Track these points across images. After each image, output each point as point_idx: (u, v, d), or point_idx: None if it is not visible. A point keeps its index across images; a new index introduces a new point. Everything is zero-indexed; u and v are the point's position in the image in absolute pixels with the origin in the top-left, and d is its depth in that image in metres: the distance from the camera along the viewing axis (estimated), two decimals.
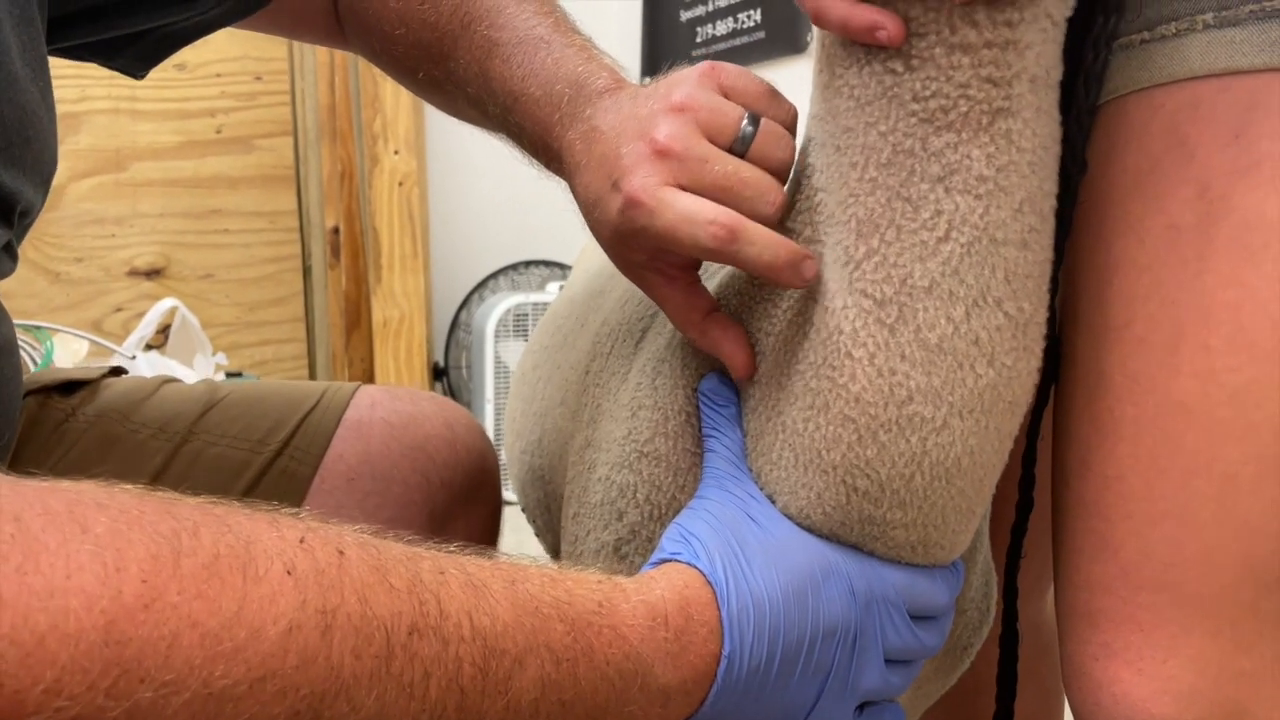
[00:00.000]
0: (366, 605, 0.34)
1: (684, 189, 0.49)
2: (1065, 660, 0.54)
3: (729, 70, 0.52)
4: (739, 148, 0.50)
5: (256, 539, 0.33)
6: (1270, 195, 0.46)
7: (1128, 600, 0.50)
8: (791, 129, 0.52)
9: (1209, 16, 0.47)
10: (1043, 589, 0.76)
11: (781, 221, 0.51)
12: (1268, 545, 0.48)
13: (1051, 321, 0.54)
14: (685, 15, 2.55)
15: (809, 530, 0.50)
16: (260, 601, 0.31)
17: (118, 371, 0.80)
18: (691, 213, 0.47)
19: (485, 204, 2.60)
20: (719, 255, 0.48)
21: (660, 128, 0.49)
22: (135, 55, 0.66)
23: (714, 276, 0.58)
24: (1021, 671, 0.63)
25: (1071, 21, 0.45)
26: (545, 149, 0.58)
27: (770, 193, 0.49)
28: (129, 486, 0.33)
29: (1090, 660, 0.52)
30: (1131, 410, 0.50)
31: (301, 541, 0.34)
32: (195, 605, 0.30)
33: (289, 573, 0.33)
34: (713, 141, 0.50)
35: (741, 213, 0.48)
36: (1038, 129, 0.44)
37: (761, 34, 2.30)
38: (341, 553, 0.35)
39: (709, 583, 0.45)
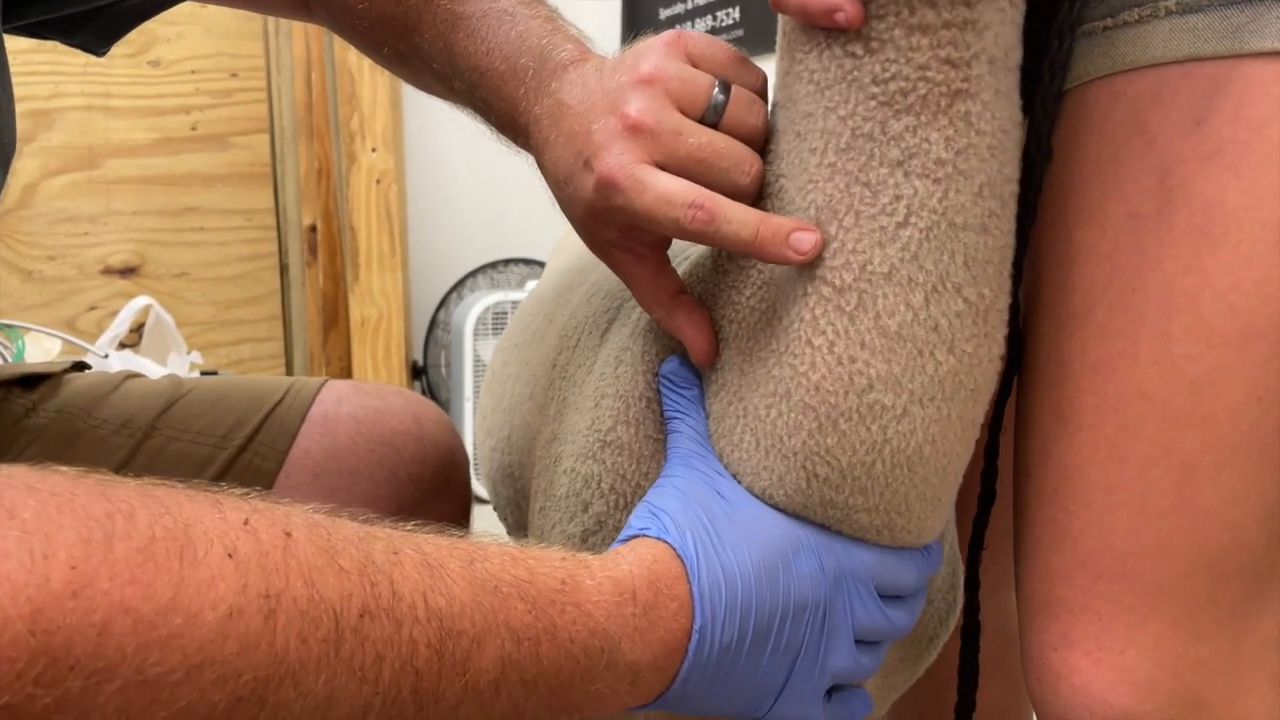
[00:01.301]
0: (313, 588, 0.33)
1: (658, 164, 0.48)
2: (1025, 650, 0.54)
3: (695, 38, 0.51)
4: (711, 117, 0.49)
5: (196, 521, 0.32)
6: (1230, 182, 0.46)
7: (1086, 590, 0.51)
8: (762, 94, 0.51)
9: (1171, 3, 0.47)
10: (1010, 580, 0.76)
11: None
12: (1226, 535, 0.48)
13: (1015, 310, 0.54)
14: (665, 13, 2.55)
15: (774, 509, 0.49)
16: (198, 586, 0.31)
17: (81, 366, 0.79)
18: (670, 194, 0.47)
19: (464, 202, 2.59)
20: (698, 237, 0.47)
21: (631, 102, 0.48)
22: (94, 31, 0.65)
23: (681, 264, 0.57)
24: (989, 662, 0.63)
25: (1036, 7, 0.45)
26: (512, 124, 0.57)
27: (746, 162, 0.48)
28: (64, 469, 0.32)
29: (1049, 650, 0.52)
30: (1092, 399, 0.50)
31: (245, 523, 0.33)
32: (127, 591, 0.29)
33: (230, 555, 0.32)
34: (684, 112, 0.49)
35: (718, 184, 0.48)
36: (997, 112, 0.44)
37: (740, 32, 2.31)
38: (288, 534, 0.34)
39: (679, 556, 0.45)
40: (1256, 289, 0.46)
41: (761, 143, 0.50)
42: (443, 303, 2.58)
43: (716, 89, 0.49)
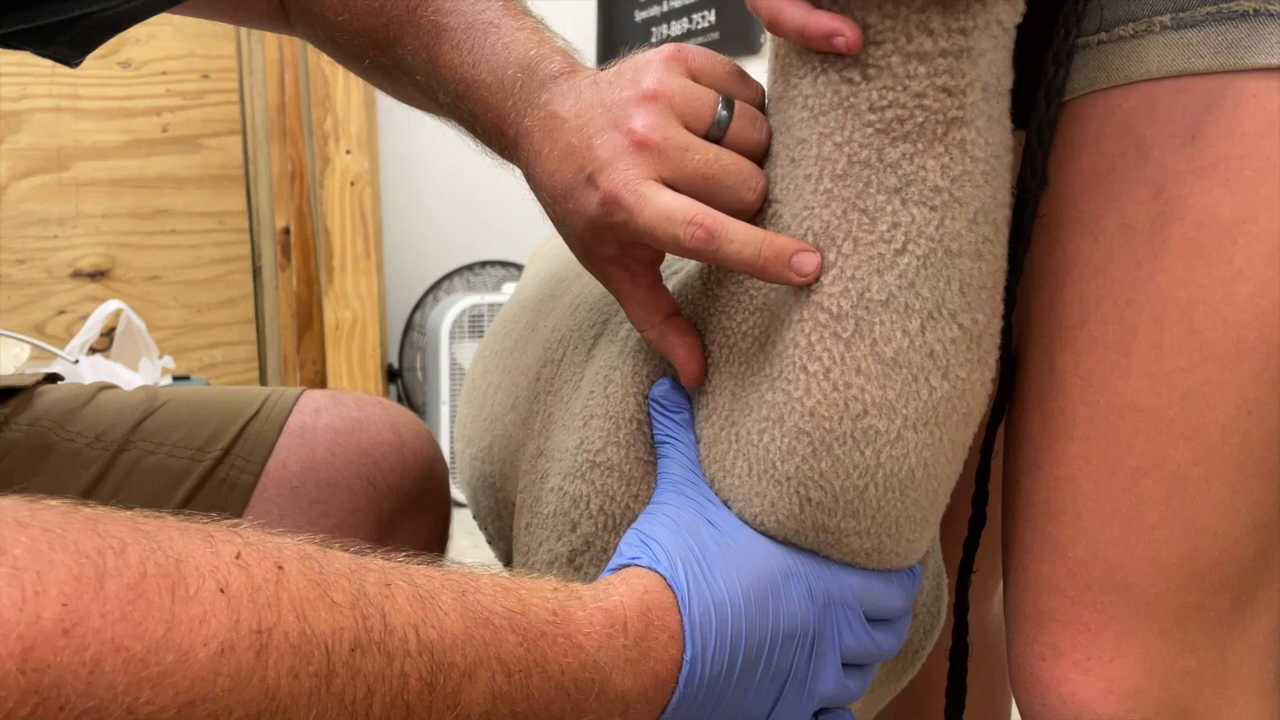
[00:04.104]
0: (305, 622, 0.33)
1: (665, 181, 0.47)
2: (1012, 660, 0.54)
3: (695, 53, 0.51)
4: (715, 133, 0.49)
5: (188, 556, 0.32)
6: (1224, 196, 0.46)
7: (1076, 600, 0.51)
8: (762, 109, 0.51)
9: (1166, 18, 0.48)
10: (989, 591, 0.77)
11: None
12: (1215, 546, 0.49)
13: (1008, 334, 0.54)
14: (640, 15, 2.54)
15: (764, 536, 0.49)
16: (190, 622, 0.30)
17: (53, 379, 0.78)
18: (670, 211, 0.46)
19: (439, 204, 2.58)
20: (698, 254, 0.47)
21: (636, 118, 0.48)
22: (67, 43, 0.64)
23: (671, 279, 0.57)
24: (969, 670, 0.63)
25: (1031, 33, 0.45)
26: (500, 136, 0.56)
27: (752, 178, 0.48)
28: (54, 502, 0.31)
29: (1037, 660, 0.52)
30: (1083, 410, 0.50)
31: (237, 557, 0.33)
32: (119, 629, 0.29)
33: (222, 591, 0.31)
34: (689, 128, 0.48)
35: (725, 201, 0.47)
36: (990, 138, 0.44)
37: (716, 35, 2.31)
38: (280, 567, 0.34)
39: (670, 587, 0.45)
40: (1249, 302, 0.46)
41: (764, 158, 0.50)
42: (418, 305, 2.56)
43: (720, 105, 0.49)
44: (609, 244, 0.51)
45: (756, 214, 0.49)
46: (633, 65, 0.51)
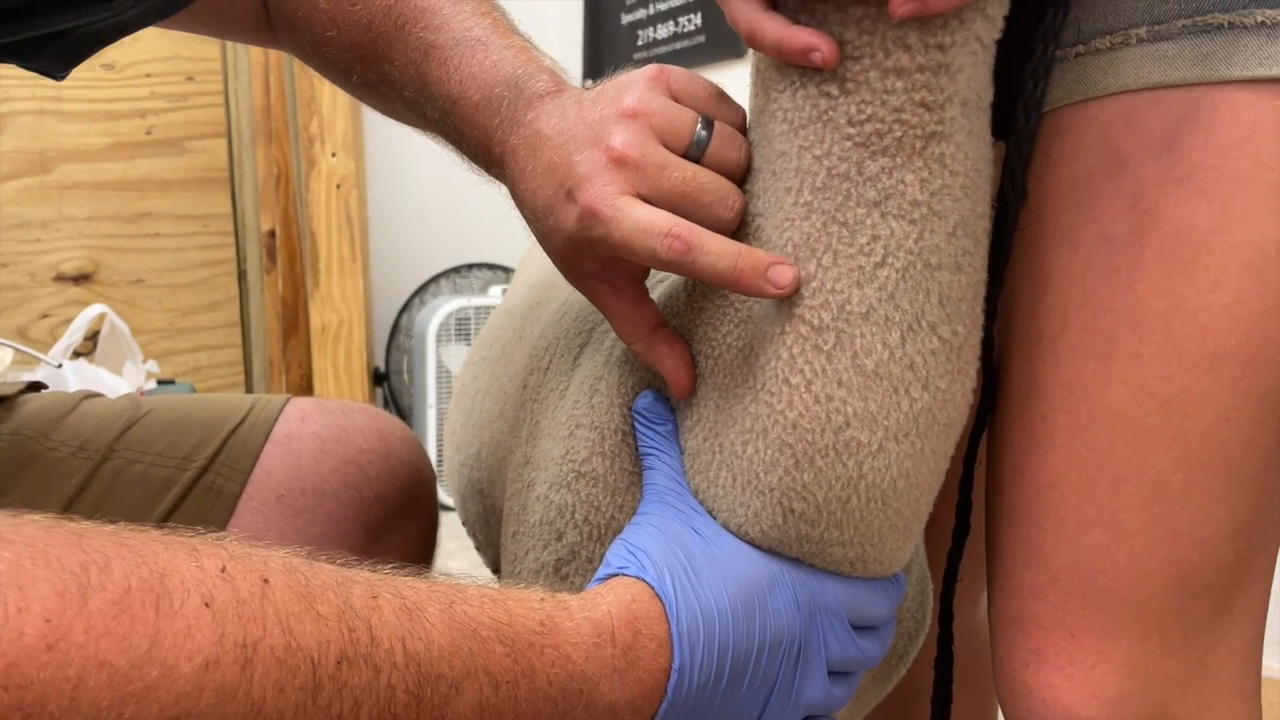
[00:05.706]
0: (291, 636, 0.33)
1: (642, 198, 0.48)
2: (997, 666, 0.54)
3: (677, 74, 0.52)
4: (694, 152, 0.49)
5: (172, 570, 0.32)
6: (1201, 206, 0.47)
7: (1058, 606, 0.51)
8: (743, 130, 0.52)
9: (1143, 30, 0.48)
10: (975, 596, 0.77)
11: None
12: (1195, 552, 0.49)
13: (989, 346, 0.54)
14: (626, 19, 2.54)
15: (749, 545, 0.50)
16: (174, 637, 0.30)
17: (36, 387, 0.77)
18: (647, 224, 0.47)
19: (426, 206, 2.57)
20: (675, 267, 0.47)
21: (615, 135, 0.48)
22: (52, 56, 0.64)
23: (654, 289, 0.57)
24: (956, 677, 0.63)
25: (1010, 46, 0.45)
26: (486, 154, 0.57)
27: (729, 197, 0.49)
28: (37, 517, 0.31)
29: (1021, 666, 0.52)
30: (1064, 419, 0.51)
31: (223, 571, 0.33)
32: (103, 644, 0.29)
33: (207, 605, 0.31)
34: (668, 147, 0.49)
35: (702, 218, 0.48)
36: (970, 152, 0.45)
37: (702, 38, 2.31)
38: (266, 581, 0.34)
39: (657, 596, 0.45)
40: (1225, 311, 0.47)
41: (742, 178, 0.51)
42: (405, 308, 2.56)
43: (699, 124, 0.49)
44: (590, 259, 0.51)
45: (739, 228, 0.50)
46: (615, 84, 0.51)
